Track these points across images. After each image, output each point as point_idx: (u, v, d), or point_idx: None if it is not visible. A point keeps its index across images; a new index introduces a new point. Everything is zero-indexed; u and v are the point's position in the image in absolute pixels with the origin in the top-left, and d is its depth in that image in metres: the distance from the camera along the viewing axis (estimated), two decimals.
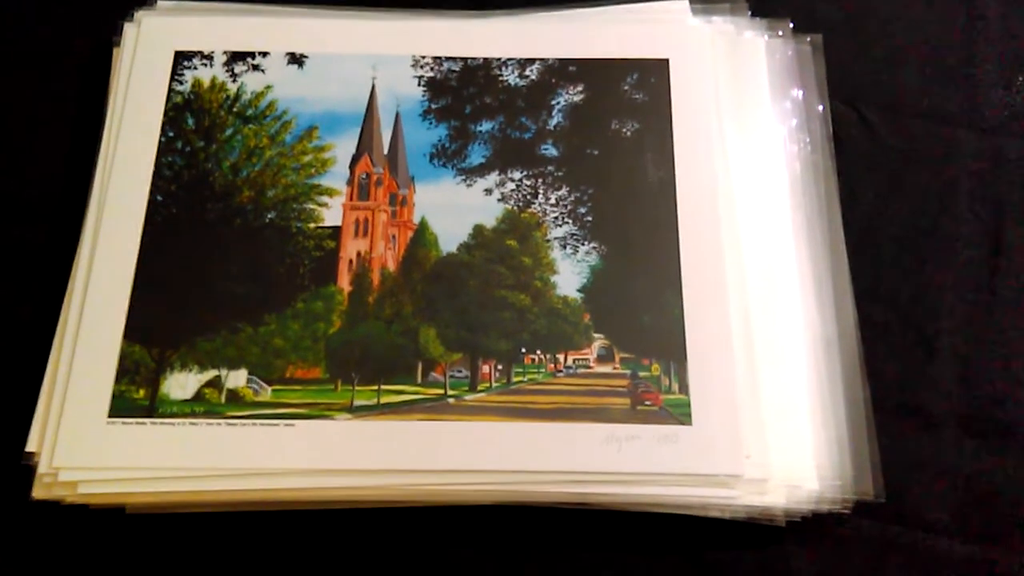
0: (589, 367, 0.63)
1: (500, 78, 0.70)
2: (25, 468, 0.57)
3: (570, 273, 0.64)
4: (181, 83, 0.69)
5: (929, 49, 0.75)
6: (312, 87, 0.69)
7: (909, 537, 0.59)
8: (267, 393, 0.61)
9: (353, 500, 0.58)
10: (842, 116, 0.71)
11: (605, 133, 0.68)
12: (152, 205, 0.64)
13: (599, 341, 0.63)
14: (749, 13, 0.72)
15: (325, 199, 0.66)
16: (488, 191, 0.67)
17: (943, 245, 0.68)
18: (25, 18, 0.76)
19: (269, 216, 0.66)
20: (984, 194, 0.69)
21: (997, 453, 0.62)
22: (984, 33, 0.75)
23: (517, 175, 0.67)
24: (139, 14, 0.71)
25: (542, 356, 0.63)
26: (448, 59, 0.70)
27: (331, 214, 0.66)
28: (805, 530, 0.58)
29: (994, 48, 0.74)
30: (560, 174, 0.67)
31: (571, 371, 0.63)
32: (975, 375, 0.64)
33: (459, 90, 0.69)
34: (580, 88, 0.69)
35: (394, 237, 0.67)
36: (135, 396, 0.59)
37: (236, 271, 0.64)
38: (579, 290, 0.64)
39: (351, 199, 0.67)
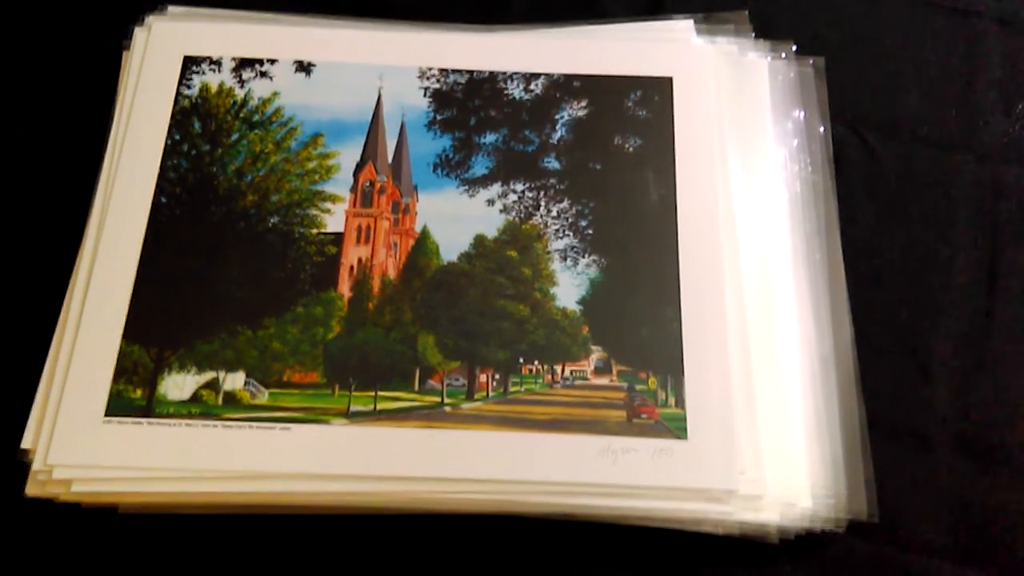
0: (586, 379, 0.63)
1: (505, 91, 0.70)
2: (19, 464, 0.57)
3: (570, 285, 0.65)
4: (189, 87, 0.69)
5: (930, 75, 0.76)
6: (319, 95, 0.69)
7: (902, 558, 0.59)
8: (264, 396, 0.61)
9: (347, 506, 0.57)
10: (843, 139, 0.72)
11: (608, 148, 0.69)
12: (156, 207, 0.65)
13: (597, 353, 0.63)
14: (753, 35, 0.73)
15: (328, 205, 0.67)
16: (490, 202, 0.67)
17: (941, 268, 0.68)
18: (37, 19, 0.77)
19: (272, 221, 0.66)
20: (982, 219, 0.70)
21: (991, 475, 0.62)
22: (985, 60, 0.76)
23: (519, 187, 0.68)
24: (149, 18, 0.72)
25: (539, 367, 0.63)
26: (454, 71, 0.71)
27: (334, 220, 0.66)
28: (798, 548, 0.58)
29: (994, 75, 0.75)
30: (562, 187, 0.68)
31: (568, 383, 0.63)
32: (970, 398, 0.64)
33: (464, 102, 0.70)
34: (584, 103, 0.70)
35: (395, 245, 0.67)
36: (132, 396, 0.59)
37: (237, 274, 0.64)
38: (578, 302, 0.64)
39: (354, 206, 0.67)
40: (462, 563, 0.59)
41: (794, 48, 0.72)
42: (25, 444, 0.58)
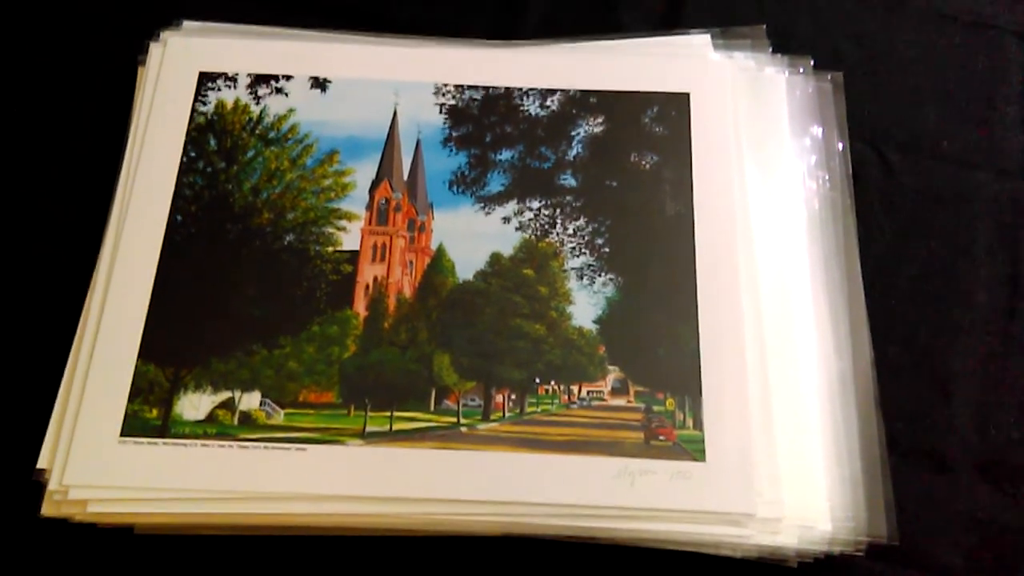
0: (603, 400, 0.62)
1: (521, 108, 0.70)
2: (35, 485, 0.57)
3: (586, 304, 0.64)
4: (204, 104, 0.69)
5: (949, 90, 0.75)
6: (334, 111, 0.69)
7: None
8: (280, 416, 0.60)
9: (363, 527, 0.57)
10: (861, 155, 0.71)
11: (624, 165, 0.68)
12: (171, 224, 0.65)
13: (614, 373, 0.63)
14: (770, 49, 0.72)
15: (344, 223, 0.67)
16: (506, 219, 0.67)
17: (960, 287, 0.68)
18: (53, 35, 0.76)
19: (287, 239, 0.66)
20: (1002, 237, 0.69)
21: (1012, 498, 0.61)
22: (1005, 76, 0.75)
23: (535, 204, 0.67)
24: (165, 34, 0.71)
25: (556, 387, 0.63)
26: (470, 88, 0.70)
27: (349, 238, 0.66)
28: (817, 571, 0.57)
29: (1014, 90, 0.74)
30: (578, 204, 0.67)
31: (585, 403, 0.62)
32: (991, 419, 0.63)
33: (480, 118, 0.70)
34: (600, 120, 0.70)
35: (411, 263, 0.67)
36: (148, 416, 0.59)
37: (253, 293, 0.64)
38: (595, 321, 0.64)
39: (369, 224, 0.67)
40: None
41: (812, 63, 0.72)
42: (41, 464, 0.58)
